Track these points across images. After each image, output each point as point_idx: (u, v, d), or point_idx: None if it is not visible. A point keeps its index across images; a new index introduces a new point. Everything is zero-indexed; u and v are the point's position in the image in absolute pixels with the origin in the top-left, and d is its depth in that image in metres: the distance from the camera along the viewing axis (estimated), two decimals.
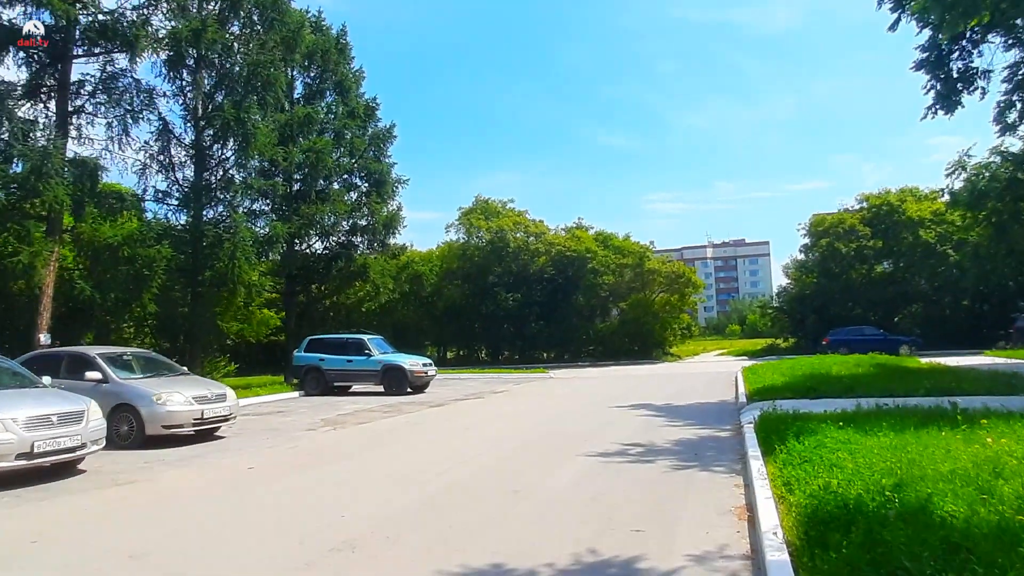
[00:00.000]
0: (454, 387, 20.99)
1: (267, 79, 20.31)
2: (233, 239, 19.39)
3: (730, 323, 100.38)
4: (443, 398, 17.09)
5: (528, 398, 16.96)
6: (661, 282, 36.99)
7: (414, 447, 9.50)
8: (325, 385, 18.84)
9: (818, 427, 7.17)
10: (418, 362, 18.70)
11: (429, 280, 36.84)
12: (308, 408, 15.48)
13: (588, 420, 11.74)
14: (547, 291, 37.89)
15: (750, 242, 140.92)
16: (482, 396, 17.68)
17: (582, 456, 8.10)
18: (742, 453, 7.66)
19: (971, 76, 13.79)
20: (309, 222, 22.54)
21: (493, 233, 36.84)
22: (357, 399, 17.33)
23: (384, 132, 26.49)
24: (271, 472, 7.88)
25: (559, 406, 14.71)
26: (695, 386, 18.62)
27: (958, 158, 19.43)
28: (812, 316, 34.99)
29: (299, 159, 22.09)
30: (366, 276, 23.96)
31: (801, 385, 13.06)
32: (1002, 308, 33.46)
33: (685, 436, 9.39)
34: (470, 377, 26.08)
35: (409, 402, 16.25)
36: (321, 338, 19.82)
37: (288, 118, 22.77)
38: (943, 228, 32.20)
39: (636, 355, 35.86)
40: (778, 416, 8.53)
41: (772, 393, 12.78)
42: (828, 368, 17.94)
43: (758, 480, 5.69)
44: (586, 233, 38.89)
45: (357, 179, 26.25)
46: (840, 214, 35.89)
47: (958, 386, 11.91)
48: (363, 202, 24.98)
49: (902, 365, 18.56)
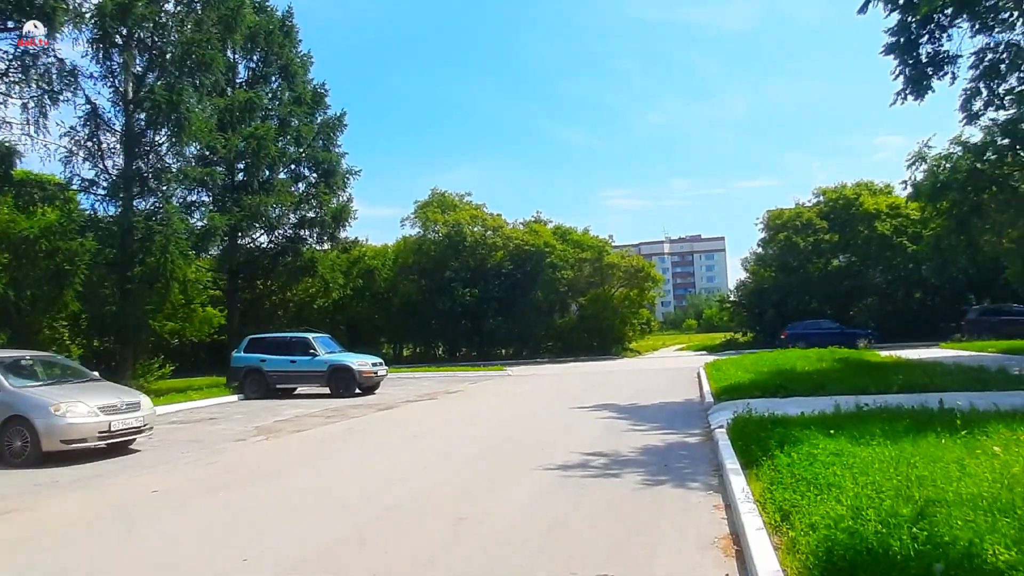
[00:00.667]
0: (407, 387, 19.92)
1: (203, 60, 18.89)
2: (165, 231, 17.96)
3: (687, 318, 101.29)
4: (394, 400, 16.03)
5: (484, 399, 16.03)
6: (620, 276, 36.44)
7: (353, 460, 8.47)
8: (267, 388, 17.56)
9: (802, 434, 6.41)
10: (367, 362, 17.56)
11: (382, 275, 35.56)
12: (244, 414, 14.25)
13: (547, 424, 10.87)
14: (505, 286, 36.98)
15: (706, 238, 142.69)
16: (435, 397, 16.68)
17: (539, 470, 7.20)
18: (717, 464, 6.88)
19: (940, 61, 13.38)
20: (252, 214, 21.12)
21: (450, 227, 35.74)
22: (300, 403, 16.13)
23: (334, 120, 25.18)
24: (177, 496, 6.76)
25: (516, 408, 13.82)
26: (657, 384, 17.96)
27: (918, 149, 19.22)
28: (770, 310, 34.89)
29: (239, 146, 20.64)
30: (314, 271, 22.64)
31: (769, 383, 12.42)
32: (953, 301, 33.95)
33: (652, 443, 8.58)
34: (425, 376, 25.01)
35: (356, 405, 15.14)
36: (262, 337, 18.51)
37: (228, 103, 21.31)
38: (898, 221, 32.40)
39: (595, 351, 35.25)
40: (754, 420, 7.79)
41: (739, 391, 12.13)
42: (792, 363, 17.51)
43: (743, 503, 4.86)
44: (544, 227, 38.09)
45: (305, 169, 24.91)
46: (798, 208, 35.87)
47: (931, 382, 11.43)
48: (311, 193, 23.64)
49: (864, 359, 18.24)
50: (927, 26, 13.31)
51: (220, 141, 20.13)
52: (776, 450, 6.00)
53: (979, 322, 29.51)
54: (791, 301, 34.82)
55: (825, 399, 10.56)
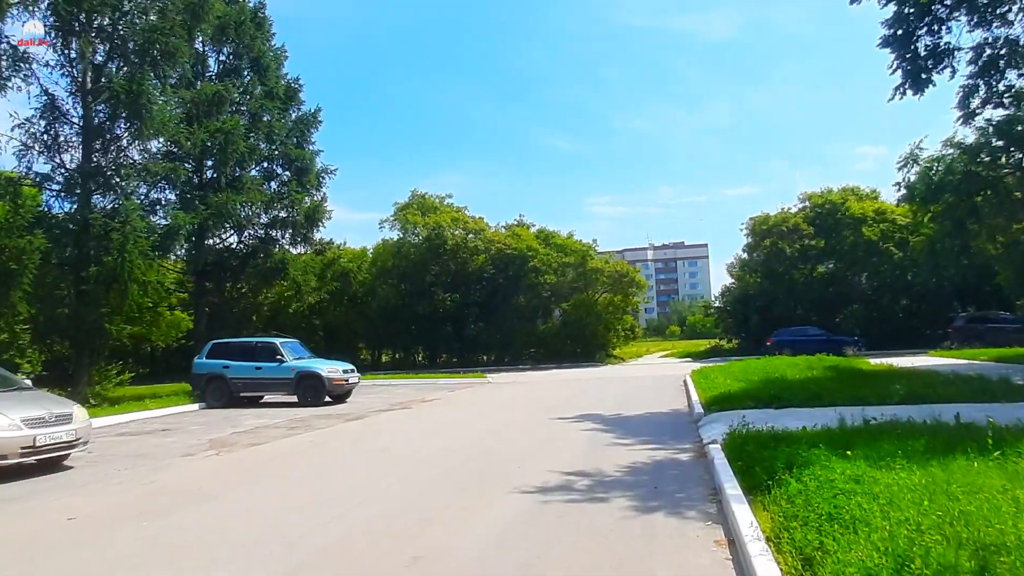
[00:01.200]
0: (381, 395, 19.00)
1: (167, 49, 17.91)
2: (124, 230, 16.94)
3: (670, 324, 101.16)
4: (364, 409, 15.11)
5: (461, 408, 15.17)
6: (604, 282, 35.74)
7: (307, 480, 7.57)
8: (230, 396, 16.55)
9: (810, 453, 5.64)
10: (337, 368, 16.61)
11: (357, 278, 34.53)
12: (202, 424, 13.25)
13: (525, 437, 10.03)
14: (487, 291, 36.15)
15: (689, 244, 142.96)
16: (409, 407, 15.78)
17: (514, 493, 6.37)
18: (714, 487, 6.09)
19: (940, 54, 12.81)
20: (219, 213, 20.09)
21: (430, 229, 34.83)
22: (264, 412, 15.16)
23: (308, 117, 24.26)
24: (93, 525, 5.83)
25: (494, 418, 12.97)
26: (642, 392, 17.21)
27: (910, 151, 18.74)
28: (756, 316, 34.40)
29: (205, 141, 19.63)
30: (285, 273, 21.63)
31: (762, 392, 11.70)
32: (939, 308, 33.64)
33: (639, 460, 7.78)
34: (402, 383, 24.09)
35: (324, 415, 14.21)
36: (226, 342, 17.50)
37: (195, 96, 20.31)
38: (885, 226, 32.03)
39: (579, 357, 34.50)
40: (753, 436, 7.02)
41: (730, 402, 11.39)
42: (782, 372, 16.84)
43: (752, 542, 4.05)
44: (527, 231, 37.30)
45: (278, 167, 23.94)
46: (783, 213, 35.44)
47: (933, 392, 10.76)
48: (283, 192, 22.66)
49: (856, 367, 17.63)
50: (925, 18, 12.75)
51: (184, 135, 19.13)
52: (784, 473, 5.23)
53: (966, 329, 29.17)
54: (777, 308, 34.35)
55: (824, 411, 9.86)
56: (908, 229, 31.95)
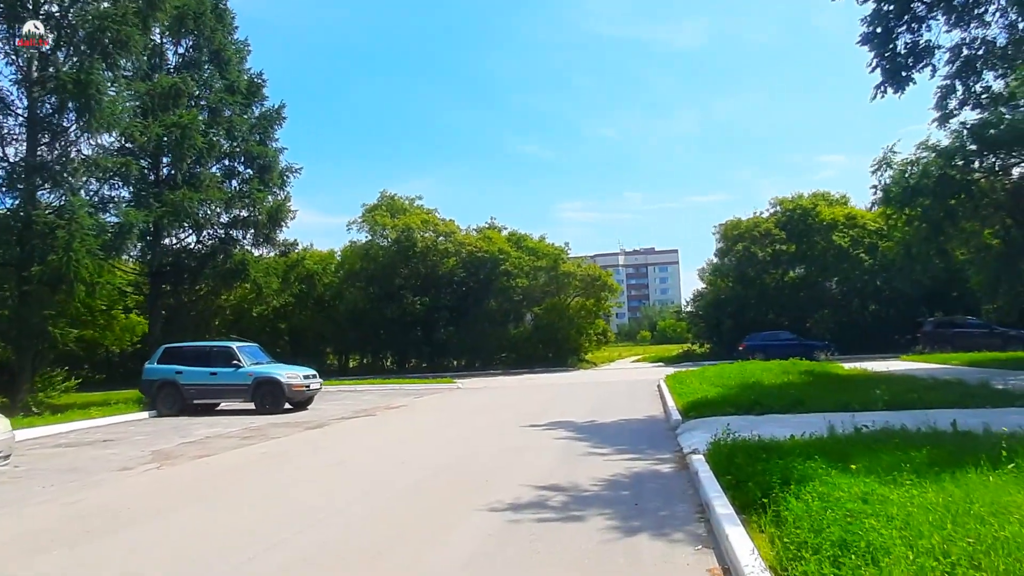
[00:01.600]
0: (345, 402, 18.22)
1: (119, 38, 16.98)
2: (69, 227, 15.93)
3: (641, 329, 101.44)
4: (326, 417, 14.35)
5: (428, 415, 14.49)
6: (577, 285, 35.28)
7: (253, 498, 6.85)
8: (183, 403, 15.63)
9: (806, 467, 5.14)
10: (297, 374, 15.79)
11: (323, 280, 33.54)
12: (148, 435, 12.37)
13: (495, 447, 9.42)
14: (457, 294, 35.45)
15: (659, 250, 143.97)
16: (374, 413, 15.06)
17: (482, 511, 5.76)
18: (700, 504, 5.55)
19: (920, 52, 12.57)
20: (175, 211, 19.09)
21: (399, 231, 34.01)
22: (219, 420, 14.29)
23: (271, 113, 23.36)
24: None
25: (462, 426, 12.33)
26: (616, 397, 16.72)
27: (883, 154, 18.62)
28: (728, 321, 34.24)
29: (160, 135, 18.65)
30: (245, 275, 20.66)
31: (742, 398, 11.24)
32: (907, 313, 33.87)
33: (617, 471, 7.22)
34: (368, 389, 23.28)
35: (282, 423, 13.42)
36: (179, 346, 16.56)
37: (150, 88, 19.32)
38: (855, 232, 32.13)
39: (550, 362, 33.98)
40: (741, 447, 6.50)
41: (709, 408, 10.92)
42: (757, 376, 16.51)
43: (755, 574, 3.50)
44: (498, 234, 36.71)
45: (239, 165, 22.96)
46: (755, 218, 35.40)
47: (918, 397, 10.41)
48: (245, 191, 21.72)
49: (830, 372, 17.39)
50: (904, 16, 12.50)
51: (137, 128, 18.15)
52: (781, 489, 4.70)
53: (934, 334, 29.36)
54: (748, 312, 34.25)
55: (808, 417, 9.44)
56: (878, 234, 32.10)
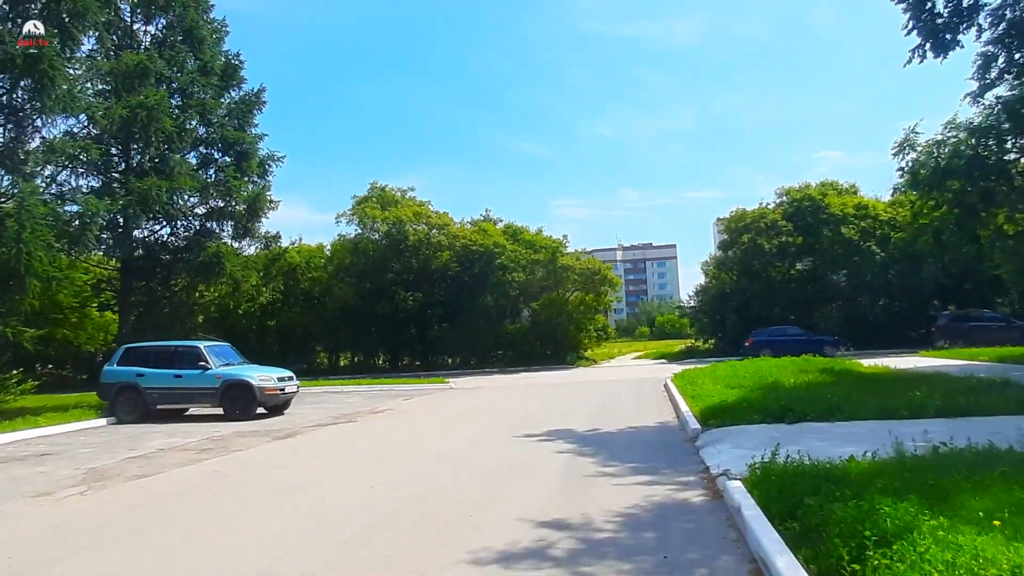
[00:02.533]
0: (327, 405, 16.84)
1: (77, 9, 15.52)
2: (19, 217, 14.48)
3: (640, 325, 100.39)
4: (301, 423, 12.95)
5: (413, 422, 13.08)
6: (575, 280, 33.85)
7: (175, 539, 5.42)
8: (145, 408, 14.23)
9: (900, 511, 3.76)
10: (271, 376, 14.37)
11: (307, 275, 32.03)
12: (95, 447, 10.95)
13: (484, 465, 8.03)
14: (451, 290, 34.01)
15: (657, 245, 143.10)
16: (355, 419, 13.67)
17: (465, 564, 4.38)
18: (751, 555, 4.17)
19: (964, 11, 11.16)
20: (142, 200, 17.62)
21: (390, 224, 32.53)
22: (181, 429, 12.87)
23: (250, 97, 21.82)
24: None
25: (450, 436, 10.94)
26: (621, 399, 15.36)
27: (904, 136, 17.25)
28: (733, 316, 32.90)
29: (124, 117, 17.16)
30: (220, 268, 19.16)
31: (768, 403, 9.84)
32: (919, 307, 32.59)
33: (634, 502, 5.83)
34: (355, 390, 21.89)
35: (250, 431, 12.02)
36: (141, 346, 15.15)
37: (113, 67, 17.85)
38: (867, 223, 30.73)
39: (549, 360, 32.61)
40: (794, 473, 5.11)
41: (730, 414, 9.54)
42: (774, 375, 15.15)
43: None
44: (494, 227, 35.26)
45: (216, 152, 21.48)
46: (761, 209, 33.99)
47: (974, 402, 9.01)
48: (220, 179, 20.24)
49: (853, 370, 16.03)
50: None
51: (99, 110, 16.70)
52: (877, 550, 3.31)
53: (950, 328, 28.10)
54: (754, 306, 32.90)
55: (852, 427, 8.10)
56: (890, 225, 30.74)
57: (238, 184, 19.62)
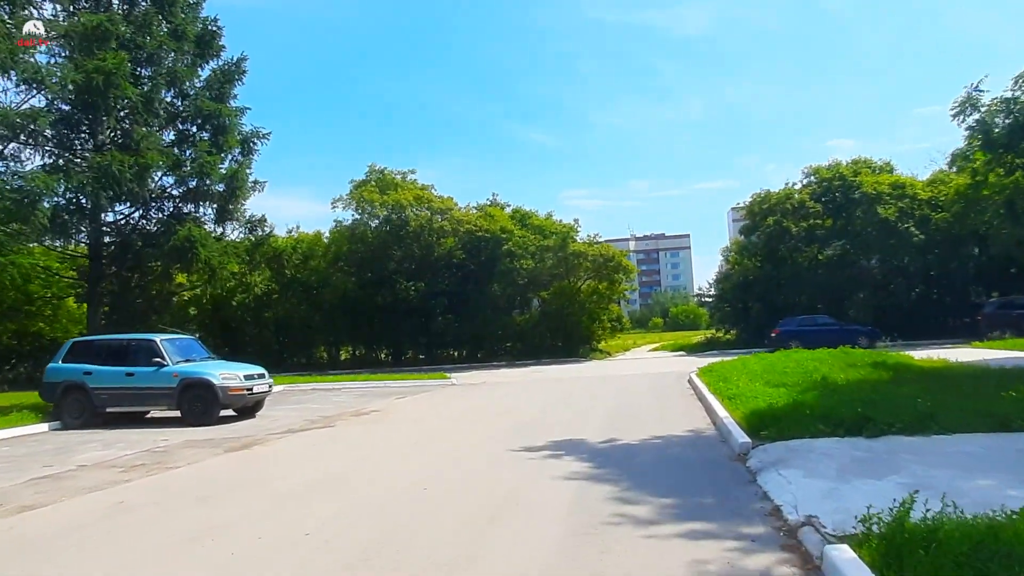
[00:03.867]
0: (310, 405, 14.98)
1: None
2: None
3: (653, 316, 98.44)
4: (267, 430, 11.07)
5: (397, 429, 11.13)
6: (588, 267, 31.72)
7: None
8: (93, 411, 12.39)
9: None
10: (236, 374, 12.43)
11: (294, 261, 30.16)
12: (8, 461, 9.09)
13: (466, 498, 6.05)
14: (456, 279, 32.05)
15: (670, 235, 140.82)
16: (334, 423, 11.76)
17: None
18: None
19: None
20: (103, 177, 15.75)
21: (389, 209, 30.56)
22: (127, 436, 11.00)
23: (228, 67, 19.90)
24: None
25: (434, 449, 8.97)
26: (642, 397, 13.35)
27: (966, 94, 15.09)
28: (757, 305, 30.67)
29: (78, 82, 15.28)
30: (192, 254, 17.27)
31: (837, 410, 7.71)
32: (959, 294, 30.22)
33: (676, 574, 3.85)
34: (347, 387, 20.03)
35: (204, 440, 10.15)
36: (90, 341, 13.33)
37: (68, 28, 15.99)
38: (904, 203, 28.30)
39: (560, 352, 30.60)
40: (948, 537, 3.11)
41: (786, 423, 7.49)
42: (819, 370, 13.03)
43: None
44: (501, 211, 33.22)
45: (192, 127, 19.58)
46: (787, 189, 31.62)
47: None
48: (194, 156, 18.33)
49: (911, 365, 13.90)
50: None
51: (51, 74, 14.84)
52: None
53: (996, 316, 25.72)
54: (779, 294, 30.65)
55: (959, 443, 6.06)
56: (930, 205, 28.33)
57: (212, 160, 17.67)
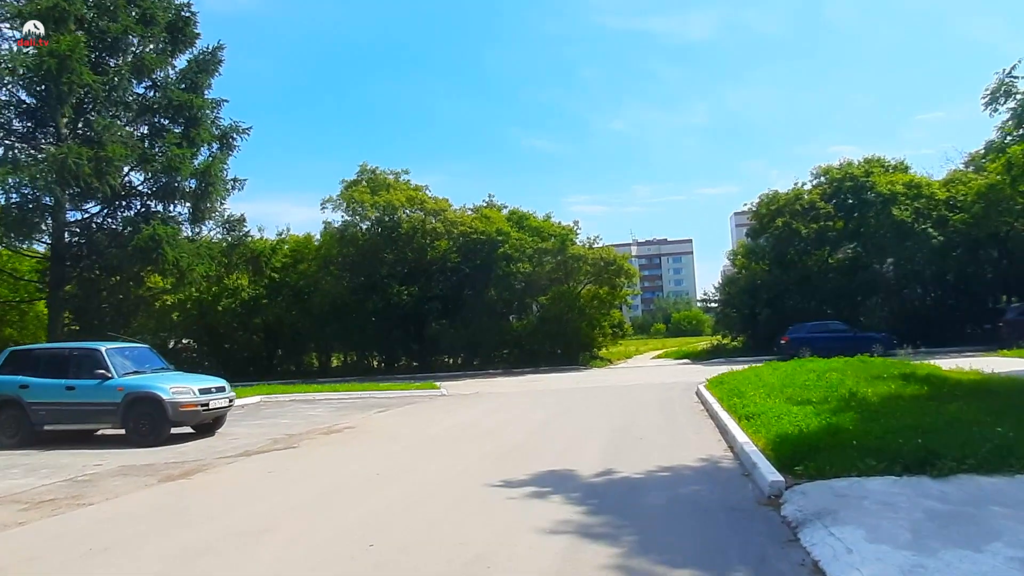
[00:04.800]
0: (280, 420, 13.63)
1: None
2: None
3: (655, 322, 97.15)
4: (219, 452, 9.71)
5: (365, 452, 9.74)
6: (588, 271, 30.30)
7: None
8: (31, 429, 11.05)
9: None
10: (190, 388, 11.06)
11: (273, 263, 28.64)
12: None
13: (426, 560, 4.69)
14: (450, 283, 30.74)
15: (673, 240, 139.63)
16: (298, 444, 10.40)
17: None
18: None
19: None
20: (56, 170, 14.47)
21: (380, 210, 29.24)
22: (56, 460, 9.63)
23: (204, 56, 18.73)
24: None
25: (398, 487, 7.57)
26: (646, 413, 11.97)
27: (998, 81, 13.81)
28: (765, 310, 29.24)
29: (30, 67, 14.02)
30: (158, 255, 15.95)
31: (887, 440, 6.36)
32: (978, 299, 28.78)
33: None
34: (328, 398, 18.66)
35: (140, 467, 8.78)
36: (29, 350, 11.99)
37: (23, 8, 14.75)
38: (921, 203, 26.89)
39: (559, 360, 29.20)
40: None
41: (825, 455, 6.12)
42: (845, 384, 11.60)
43: None
44: (498, 212, 31.85)
45: (164, 120, 18.33)
46: (796, 190, 30.20)
47: None
48: (163, 150, 17.04)
49: (947, 377, 12.50)
50: None
51: None
52: None
53: (1020, 323, 24.31)
54: (788, 300, 29.24)
55: None
56: (947, 205, 26.94)
57: (182, 154, 16.38)
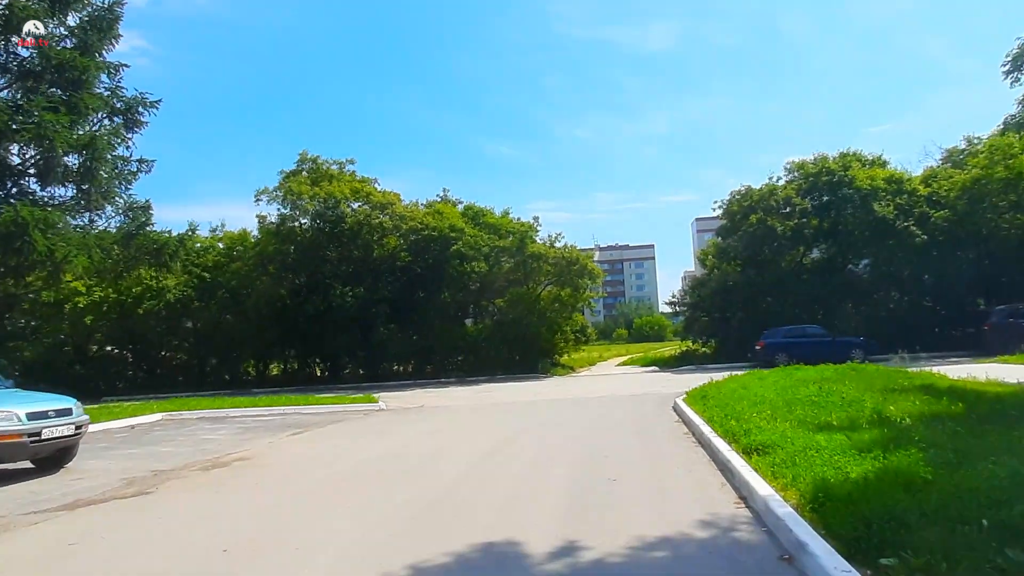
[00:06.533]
0: (160, 448, 10.93)
1: None
2: None
3: (617, 327, 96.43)
4: (38, 503, 7.01)
5: (239, 505, 7.14)
6: (549, 271, 28.08)
7: None
8: None
9: None
10: (14, 413, 8.23)
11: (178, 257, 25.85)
12: None
13: None
14: (400, 283, 28.15)
15: (635, 246, 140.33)
16: (153, 489, 7.74)
17: None
18: None
19: None
20: None
21: (320, 203, 26.51)
22: None
23: (101, 13, 15.92)
24: None
25: (266, 565, 5.07)
26: (616, 438, 9.61)
27: (1019, 48, 12.06)
28: (739, 314, 27.43)
29: None
30: (25, 243, 13.03)
31: (978, 495, 4.18)
32: (957, 302, 27.43)
33: None
34: (242, 415, 15.94)
35: None
36: None
37: None
38: (902, 199, 25.36)
39: (517, 367, 26.86)
40: None
41: (899, 521, 3.86)
42: (863, 401, 9.49)
43: None
44: (452, 208, 29.42)
45: (49, 87, 15.43)
46: (770, 185, 28.47)
47: None
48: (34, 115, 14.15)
49: (967, 388, 10.53)
50: None
51: None
52: None
53: (1004, 327, 22.90)
54: (761, 302, 27.50)
55: None
56: (930, 202, 25.47)
57: (54, 120, 13.49)
